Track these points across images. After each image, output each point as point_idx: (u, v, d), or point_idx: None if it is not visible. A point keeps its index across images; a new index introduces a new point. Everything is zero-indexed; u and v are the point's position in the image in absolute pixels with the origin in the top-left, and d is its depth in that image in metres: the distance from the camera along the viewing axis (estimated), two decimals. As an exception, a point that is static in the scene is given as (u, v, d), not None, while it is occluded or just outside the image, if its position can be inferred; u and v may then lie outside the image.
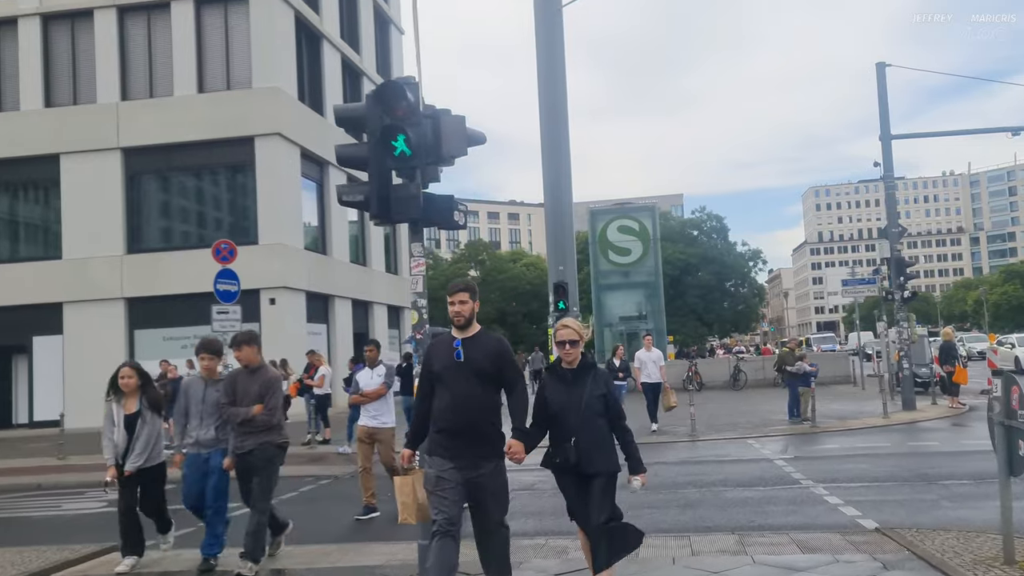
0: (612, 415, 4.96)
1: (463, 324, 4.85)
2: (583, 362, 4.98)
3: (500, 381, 4.85)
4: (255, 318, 24.03)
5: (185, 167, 25.07)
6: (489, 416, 4.82)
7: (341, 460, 14.27)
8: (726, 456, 12.32)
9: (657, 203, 32.16)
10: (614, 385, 5.16)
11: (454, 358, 4.79)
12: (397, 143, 5.28)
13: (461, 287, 4.92)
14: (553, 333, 5.19)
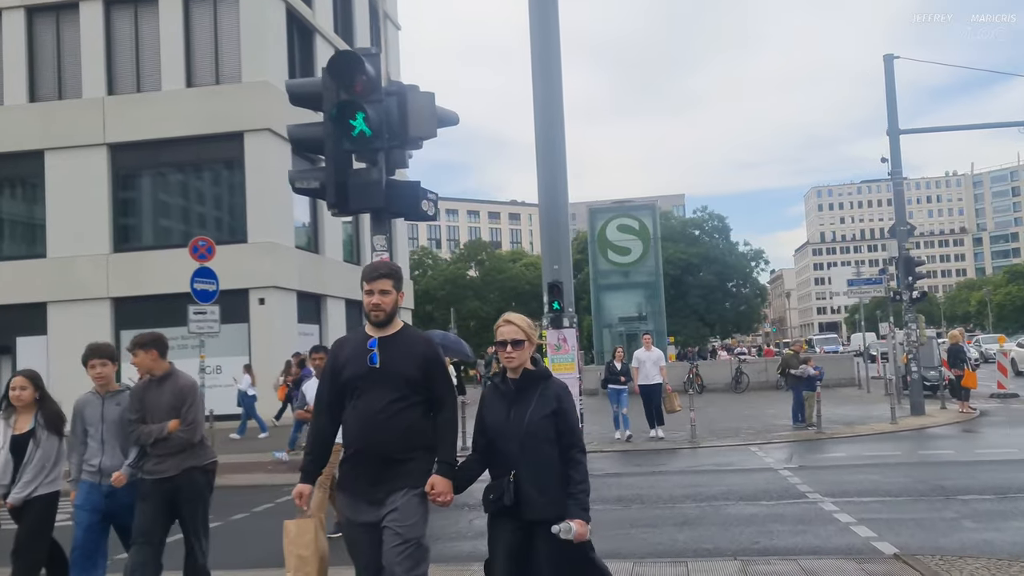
0: (565, 442, 3.77)
1: (382, 320, 3.87)
2: (532, 372, 3.82)
3: (427, 394, 3.80)
4: (244, 318, 23.44)
5: (173, 163, 24.45)
6: (410, 440, 3.72)
7: (324, 468, 13.62)
8: (728, 465, 11.68)
9: (658, 202, 31.51)
10: (570, 400, 3.87)
11: (367, 363, 3.76)
12: (355, 122, 4.64)
13: (384, 272, 3.91)
14: (494, 330, 4.04)
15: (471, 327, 62.87)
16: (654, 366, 14.73)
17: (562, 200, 15.32)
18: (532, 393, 3.77)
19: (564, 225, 15.38)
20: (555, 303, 14.78)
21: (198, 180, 24.75)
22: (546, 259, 15.49)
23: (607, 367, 15.25)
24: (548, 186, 15.31)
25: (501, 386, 3.84)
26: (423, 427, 3.78)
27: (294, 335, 24.51)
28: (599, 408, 21.64)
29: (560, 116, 15.58)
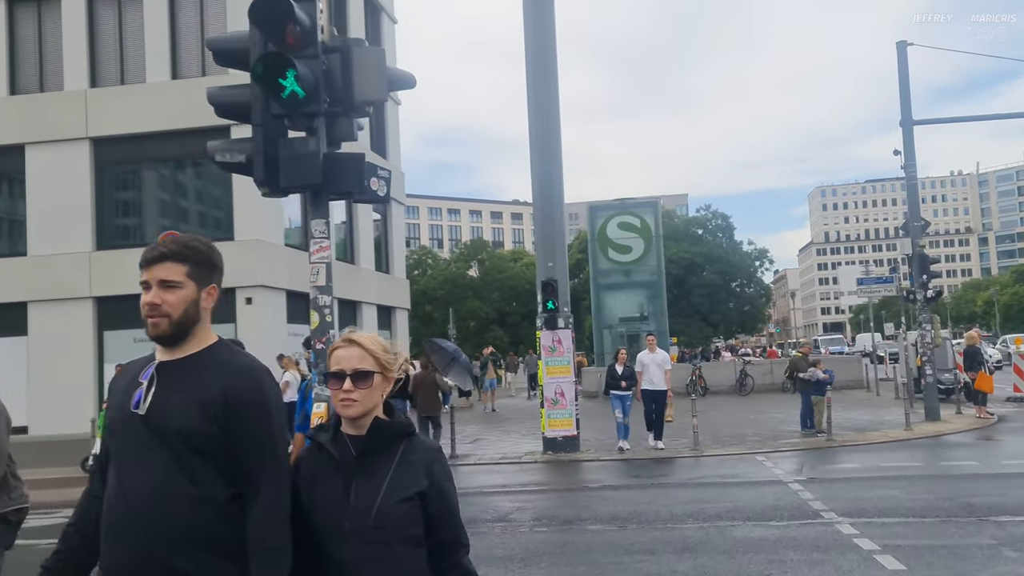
0: (441, 540, 2.23)
1: (166, 334, 2.51)
2: (385, 425, 2.26)
3: (228, 465, 2.16)
4: (230, 319, 22.61)
5: (158, 158, 23.63)
6: (192, 547, 2.09)
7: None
8: (733, 477, 10.83)
9: (661, 200, 30.65)
10: (447, 471, 2.30)
11: (130, 406, 2.27)
12: (285, 81, 3.80)
13: (167, 252, 2.51)
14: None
15: (471, 327, 62.07)
16: (658, 370, 13.39)
17: (557, 195, 14.47)
18: (385, 461, 2.21)
19: (559, 220, 14.53)
20: (549, 302, 13.95)
21: (183, 175, 23.94)
22: (540, 256, 14.66)
23: (608, 371, 13.94)
24: (542, 180, 14.47)
25: (331, 448, 2.22)
26: (217, 525, 2.12)
27: (283, 336, 23.67)
28: (599, 412, 20.77)
29: (555, 109, 14.73)
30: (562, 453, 13.58)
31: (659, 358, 13.55)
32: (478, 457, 13.83)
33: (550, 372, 13.92)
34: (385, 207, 33.95)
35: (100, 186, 23.68)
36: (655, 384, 13.41)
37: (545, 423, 13.89)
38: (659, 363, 13.47)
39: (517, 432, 17.69)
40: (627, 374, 13.49)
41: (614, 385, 13.60)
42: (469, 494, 10.28)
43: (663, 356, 13.79)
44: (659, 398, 13.50)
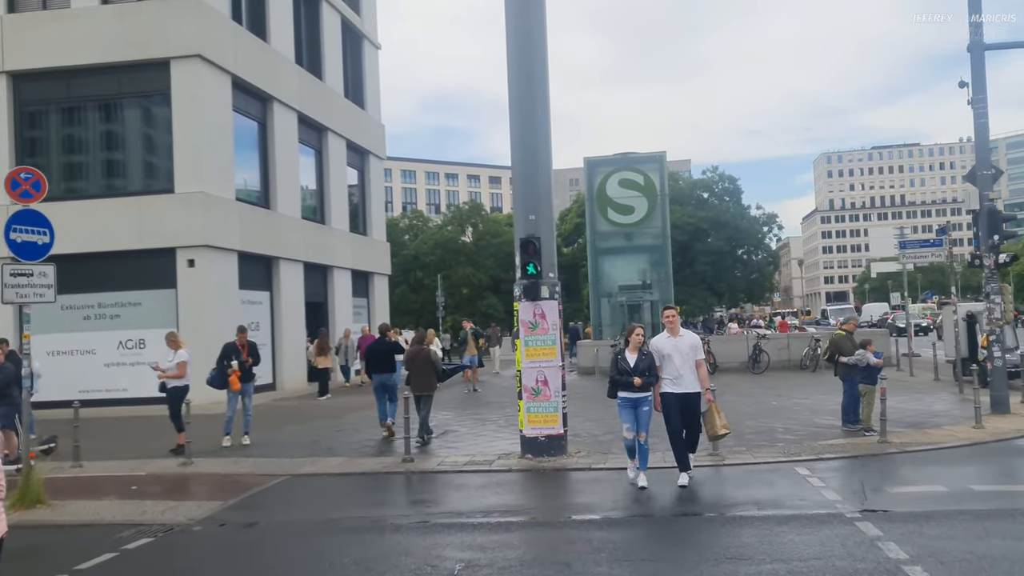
0: None
1: None
2: None
3: None
4: (170, 283, 19.66)
5: (87, 96, 20.46)
6: None
7: (204, 493, 9.85)
8: (774, 506, 7.89)
9: (666, 154, 27.44)
10: None
11: None
12: None
13: None
14: None
15: (464, 295, 59.07)
16: (685, 361, 8.71)
17: (541, 126, 11.25)
18: None
19: (543, 160, 11.32)
20: (530, 265, 10.75)
21: (115, 117, 20.74)
22: (518, 207, 11.48)
23: (615, 361, 8.87)
24: (521, 103, 11.23)
25: None
26: None
27: (235, 303, 20.72)
28: (594, 396, 17.80)
29: (540, 23, 11.60)
30: (544, 457, 10.66)
31: (685, 344, 8.83)
32: (438, 461, 10.90)
33: (531, 354, 10.95)
34: (362, 161, 30.79)
35: (20, 129, 20.47)
36: (682, 384, 8.71)
37: (524, 419, 10.95)
38: (686, 351, 8.76)
39: (495, 422, 14.78)
40: (645, 365, 8.63)
41: (623, 383, 8.66)
42: (405, 529, 7.37)
43: (691, 341, 8.96)
44: (691, 407, 8.83)
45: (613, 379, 8.84)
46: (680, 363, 8.74)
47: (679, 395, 8.78)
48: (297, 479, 10.31)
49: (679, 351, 8.79)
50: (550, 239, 11.17)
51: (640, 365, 8.64)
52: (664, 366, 8.78)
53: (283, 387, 22.82)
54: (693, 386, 8.80)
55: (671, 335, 8.92)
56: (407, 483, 9.96)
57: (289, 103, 24.09)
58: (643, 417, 8.73)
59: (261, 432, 14.46)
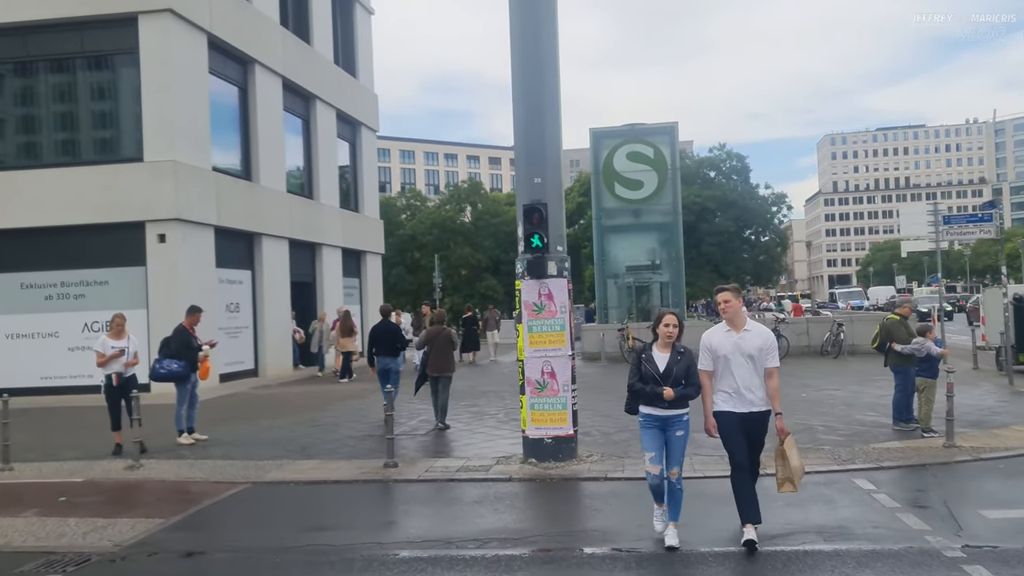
0: None
1: None
2: None
3: None
4: (139, 261, 18.00)
5: (46, 55, 18.69)
6: None
7: (144, 507, 8.24)
8: (840, 533, 6.29)
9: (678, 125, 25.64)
10: None
11: None
12: None
13: None
14: None
15: (462, 276, 57.40)
16: (753, 367, 6.01)
17: (548, 70, 9.49)
18: None
19: (551, 114, 9.46)
20: (535, 236, 8.89)
21: (79, 79, 18.95)
22: (521, 169, 9.72)
23: (637, 361, 6.21)
24: (525, 41, 9.43)
25: None
26: None
27: (211, 283, 19.07)
28: (603, 385, 16.21)
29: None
30: (551, 463, 9.05)
31: (753, 342, 6.02)
32: (426, 467, 9.29)
33: (535, 341, 9.31)
34: (354, 133, 29.02)
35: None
36: (747, 400, 5.99)
37: (527, 416, 9.33)
38: (753, 353, 5.99)
39: (493, 416, 13.17)
40: (681, 370, 5.99)
41: (648, 395, 6.01)
42: (378, 565, 5.76)
43: (761, 338, 6.08)
44: (759, 432, 6.08)
45: (633, 388, 6.06)
46: (745, 370, 5.96)
47: (744, 416, 5.96)
48: (259, 488, 8.71)
49: (743, 352, 5.94)
50: (558, 206, 9.50)
51: (674, 369, 5.94)
52: (719, 373, 6.05)
53: (265, 373, 21.23)
54: (762, 402, 5.99)
55: (732, 328, 6.07)
56: (387, 496, 8.36)
57: (273, 67, 22.32)
58: (676, 445, 5.99)
59: (231, 426, 12.89)
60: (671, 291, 25.36)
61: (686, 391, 6.00)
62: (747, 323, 6.17)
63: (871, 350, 11.67)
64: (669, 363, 6.02)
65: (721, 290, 6.22)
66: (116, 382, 10.72)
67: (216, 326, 18.92)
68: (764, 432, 6.12)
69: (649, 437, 6.09)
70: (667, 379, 5.96)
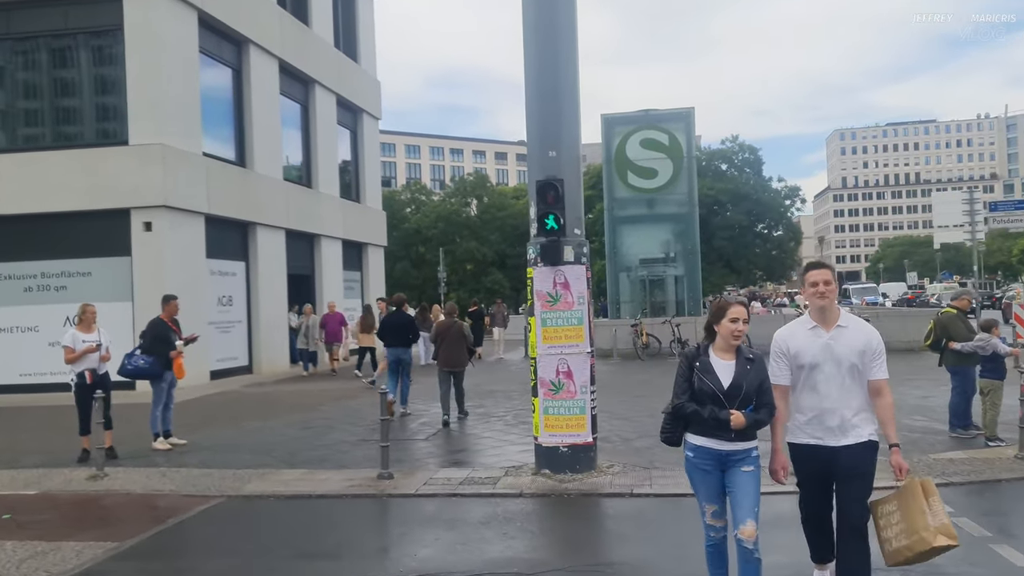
0: None
1: None
2: None
3: None
4: (124, 250, 16.93)
5: (26, 33, 17.60)
6: None
7: (98, 526, 7.16)
8: (922, 568, 5.15)
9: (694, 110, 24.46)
10: None
11: None
12: None
13: None
14: None
15: (468, 270, 56.36)
16: (849, 378, 4.23)
17: (564, 27, 8.43)
18: None
19: (567, 77, 8.30)
20: (549, 217, 7.56)
21: (61, 57, 17.88)
22: (534, 141, 8.28)
23: (685, 372, 4.26)
24: (541, 5, 8.52)
25: None
26: None
27: (201, 274, 18.01)
28: (618, 384, 15.05)
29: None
30: (567, 474, 7.95)
31: (851, 344, 4.23)
32: (425, 478, 8.19)
33: (549, 336, 8.19)
34: (355, 120, 27.91)
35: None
36: (836, 427, 4.24)
37: (539, 422, 8.22)
38: (851, 359, 4.22)
39: (501, 419, 12.06)
40: (752, 385, 4.13)
41: (704, 422, 4.15)
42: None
43: (861, 339, 4.25)
44: (852, 472, 4.21)
45: (682, 410, 4.20)
46: (837, 384, 4.21)
47: (828, 450, 4.23)
48: (234, 503, 7.62)
49: (837, 359, 4.20)
50: (576, 183, 8.37)
51: (743, 384, 4.11)
52: (798, 388, 4.34)
53: (260, 370, 20.16)
54: (859, 431, 4.21)
55: (820, 324, 4.27)
56: (381, 514, 7.26)
57: (269, 49, 21.22)
58: (745, 486, 4.11)
59: (214, 428, 11.83)
60: (686, 285, 24.23)
61: (759, 416, 4.12)
62: (842, 316, 4.31)
63: (900, 346, 10.66)
64: (736, 375, 4.13)
65: (815, 267, 4.35)
66: (90, 380, 9.66)
67: (207, 320, 17.90)
68: (865, 471, 4.20)
69: (705, 482, 4.20)
70: (733, 398, 4.08)
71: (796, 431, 4.36)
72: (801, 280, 4.63)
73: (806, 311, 4.51)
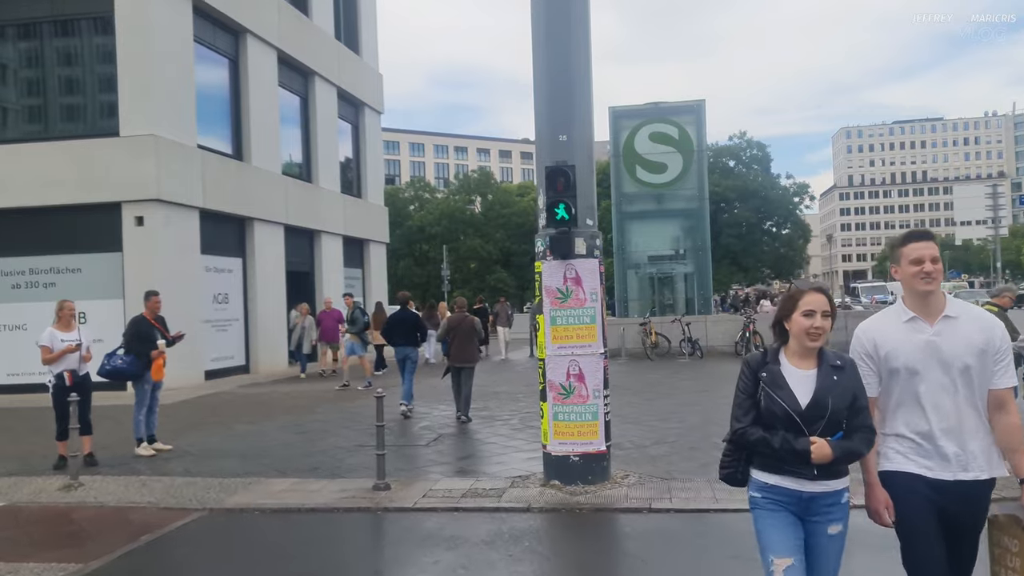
0: None
1: None
2: None
3: None
4: (115, 246, 16.33)
5: (12, 19, 17.02)
6: None
7: (62, 546, 6.53)
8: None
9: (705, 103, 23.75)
10: None
11: None
12: None
13: None
14: None
15: (471, 268, 55.73)
16: (961, 388, 3.13)
17: (578, 10, 7.85)
18: None
19: (580, 55, 7.53)
20: (559, 206, 6.58)
21: (49, 44, 17.28)
22: (543, 123, 7.32)
23: (749, 385, 3.16)
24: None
25: None
26: None
27: (196, 271, 17.41)
28: (630, 385, 14.40)
29: None
30: (579, 486, 7.31)
31: (964, 340, 3.13)
32: (424, 490, 7.55)
33: (559, 336, 7.55)
34: (356, 114, 27.29)
35: (-65, 59, 17.19)
36: (960, 457, 3.12)
37: (548, 429, 7.58)
38: (964, 358, 3.12)
39: (507, 422, 11.41)
40: (844, 400, 3.04)
41: (776, 452, 3.05)
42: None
43: (981, 326, 3.18)
44: (968, 513, 3.16)
45: (746, 437, 3.14)
46: (948, 394, 3.15)
47: (944, 488, 3.13)
48: (215, 518, 6.99)
49: (943, 361, 3.15)
50: (588, 170, 7.72)
51: (828, 400, 3.04)
52: (893, 400, 3.26)
53: (257, 370, 19.56)
54: (979, 463, 3.13)
55: (922, 316, 3.22)
56: (375, 531, 6.63)
57: (267, 39, 20.61)
58: (826, 556, 3.12)
59: (203, 432, 11.21)
60: (696, 283, 23.57)
61: (851, 445, 3.03)
62: (949, 304, 3.22)
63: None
64: (819, 389, 3.03)
65: (918, 237, 3.23)
66: (70, 381, 9.03)
67: (201, 318, 17.32)
68: (984, 512, 3.18)
69: (777, 530, 3.09)
70: (814, 421, 3.00)
71: (894, 458, 3.20)
72: (893, 255, 3.34)
73: (898, 298, 3.37)
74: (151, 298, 9.93)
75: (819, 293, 3.14)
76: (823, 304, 3.09)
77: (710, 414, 11.05)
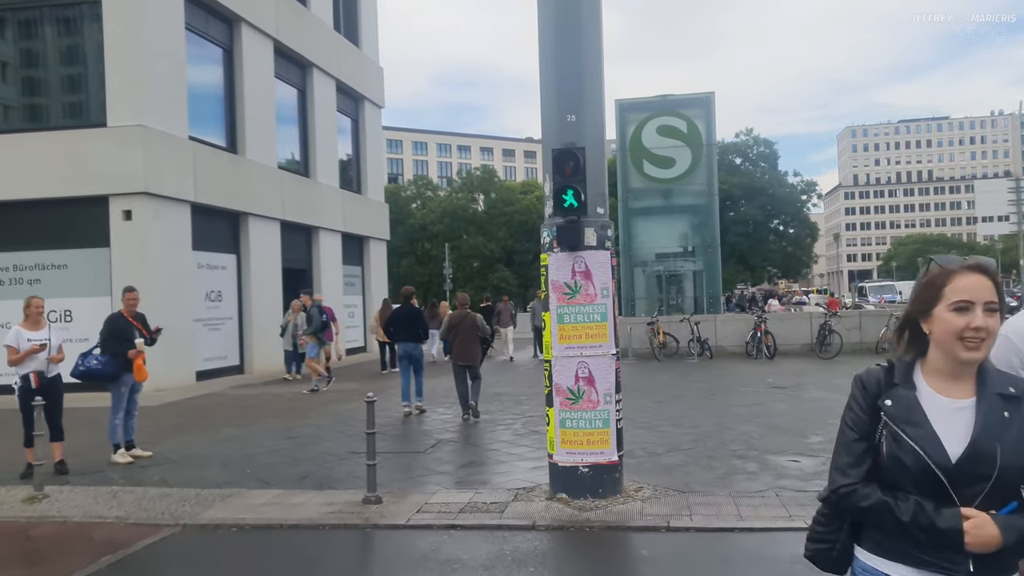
0: None
1: None
2: None
3: None
4: (102, 241, 15.68)
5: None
6: None
7: (13, 567, 5.87)
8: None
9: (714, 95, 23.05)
10: None
11: None
12: None
13: None
14: None
15: (474, 267, 55.09)
16: None
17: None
18: None
19: (590, 29, 6.99)
20: (567, 192, 5.78)
21: (33, 32, 16.64)
22: (550, 103, 6.41)
23: (863, 426, 2.00)
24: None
25: None
26: None
27: (187, 267, 16.76)
28: (641, 387, 13.66)
29: None
30: (588, 500, 6.65)
31: None
32: (419, 504, 6.88)
33: (567, 335, 6.88)
34: (356, 108, 26.64)
35: (-84, 47, 16.55)
36: None
37: (555, 437, 6.91)
38: None
39: (510, 427, 10.74)
40: (1017, 447, 1.88)
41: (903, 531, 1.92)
42: None
43: None
44: None
45: (847, 501, 2.00)
46: None
47: None
48: (187, 535, 6.34)
49: None
50: (599, 154, 7.05)
51: (993, 451, 1.89)
52: None
53: (252, 370, 18.90)
54: None
55: None
56: (363, 552, 5.97)
57: (263, 28, 19.96)
58: None
59: (186, 436, 10.55)
60: (705, 281, 22.90)
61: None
62: None
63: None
64: (981, 429, 1.92)
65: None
66: (36, 383, 8.39)
67: (193, 316, 16.69)
68: None
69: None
70: (971, 482, 1.90)
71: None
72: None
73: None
74: (127, 294, 9.29)
75: (978, 273, 1.96)
76: (986, 291, 1.93)
77: (725, 418, 10.39)
